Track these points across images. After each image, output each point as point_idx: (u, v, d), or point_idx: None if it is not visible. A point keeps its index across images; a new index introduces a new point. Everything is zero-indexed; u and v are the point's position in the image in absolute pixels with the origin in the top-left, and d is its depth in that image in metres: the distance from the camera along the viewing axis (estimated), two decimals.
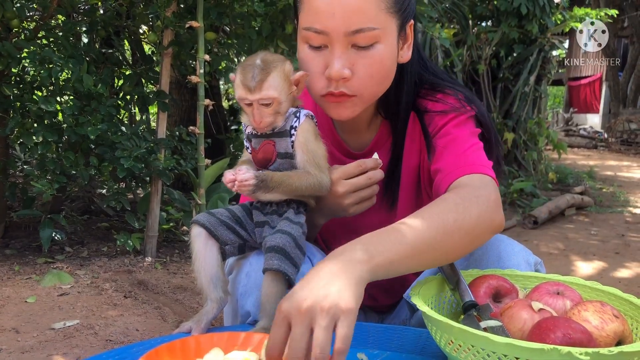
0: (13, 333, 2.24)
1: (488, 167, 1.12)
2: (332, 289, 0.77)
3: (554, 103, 18.87)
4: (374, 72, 1.11)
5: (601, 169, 9.07)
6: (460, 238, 0.97)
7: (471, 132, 1.19)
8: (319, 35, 1.08)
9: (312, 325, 0.76)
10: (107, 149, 3.05)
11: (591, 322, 0.86)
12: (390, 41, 1.11)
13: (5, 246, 3.25)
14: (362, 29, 1.06)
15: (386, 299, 1.46)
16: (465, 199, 1.01)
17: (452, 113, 1.20)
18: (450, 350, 0.86)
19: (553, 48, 6.79)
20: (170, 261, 3.30)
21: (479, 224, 0.99)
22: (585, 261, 3.95)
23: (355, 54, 1.09)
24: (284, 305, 0.78)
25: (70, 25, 3.18)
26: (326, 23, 1.06)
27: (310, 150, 1.10)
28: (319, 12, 1.06)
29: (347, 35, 1.06)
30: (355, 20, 1.05)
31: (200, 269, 1.09)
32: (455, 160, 1.13)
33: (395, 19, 1.11)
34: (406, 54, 1.19)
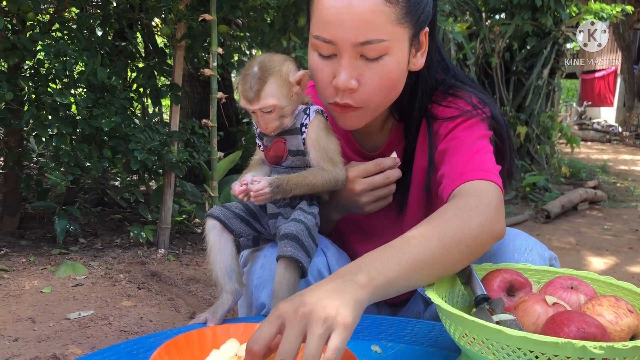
0: (29, 322, 2.28)
1: (493, 172, 1.09)
2: (332, 303, 0.77)
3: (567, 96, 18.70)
4: (382, 84, 1.10)
5: (615, 163, 8.99)
6: (460, 252, 0.96)
7: (479, 136, 1.16)
8: (327, 45, 1.07)
9: (306, 331, 0.74)
10: (120, 142, 3.07)
11: (605, 316, 0.85)
12: (400, 52, 1.09)
13: (21, 237, 3.29)
14: (370, 40, 1.04)
15: (398, 296, 1.46)
16: (464, 210, 0.98)
17: (461, 117, 1.17)
18: (464, 343, 0.86)
19: (567, 41, 6.73)
20: (183, 253, 3.33)
21: (479, 235, 0.97)
22: (598, 256, 3.92)
23: (364, 65, 1.07)
24: (283, 306, 0.77)
25: (84, 18, 3.20)
26: (335, 33, 1.04)
27: (322, 147, 1.10)
28: (328, 21, 1.05)
29: (356, 46, 1.04)
30: (364, 31, 1.03)
31: (215, 261, 1.11)
32: (459, 166, 1.10)
33: (407, 29, 1.08)
34: (419, 62, 1.16)
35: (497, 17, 6.76)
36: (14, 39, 2.83)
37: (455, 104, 1.21)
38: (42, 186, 3.45)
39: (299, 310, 0.75)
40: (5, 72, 3.00)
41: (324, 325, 0.74)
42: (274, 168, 1.15)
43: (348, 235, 1.38)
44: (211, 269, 1.12)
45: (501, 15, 6.80)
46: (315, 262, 1.16)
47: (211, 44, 2.99)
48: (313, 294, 0.78)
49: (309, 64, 1.14)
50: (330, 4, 1.04)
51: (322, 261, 1.19)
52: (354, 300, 0.80)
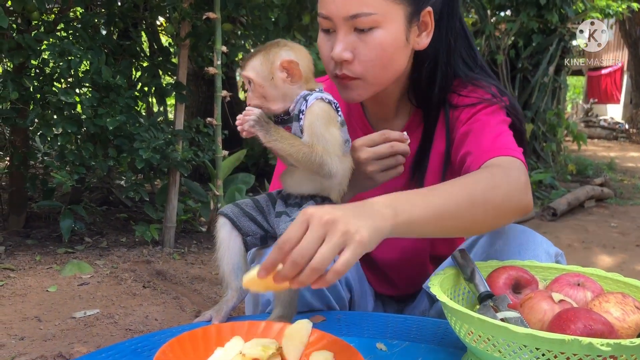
0: (35, 321, 2.28)
1: (519, 152, 1.13)
2: (356, 222, 0.81)
3: (573, 93, 18.63)
4: (375, 56, 1.14)
5: (622, 161, 8.95)
6: (485, 212, 0.98)
7: (502, 120, 1.20)
8: (326, 20, 1.15)
9: (325, 237, 0.79)
10: (125, 141, 3.08)
11: (612, 313, 0.85)
12: (394, 28, 1.13)
13: (27, 236, 3.30)
14: (359, 13, 1.10)
15: (407, 288, 1.46)
16: (496, 176, 1.02)
17: (482, 103, 1.21)
18: (470, 340, 0.86)
19: (573, 38, 6.69)
20: (188, 251, 3.33)
21: (506, 202, 1.00)
22: (605, 253, 3.90)
23: (357, 38, 1.13)
24: (311, 210, 0.82)
25: (88, 17, 3.21)
26: (328, 8, 1.13)
27: (316, 134, 1.05)
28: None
29: (347, 19, 1.12)
30: (354, 5, 1.10)
31: (222, 258, 1.11)
32: (486, 143, 1.13)
33: (402, 6, 1.13)
34: (423, 41, 1.20)
35: (503, 14, 6.74)
36: (18, 39, 2.83)
37: (476, 93, 1.23)
38: (48, 185, 3.46)
39: (324, 218, 0.80)
40: (11, 72, 3.01)
41: (343, 237, 0.79)
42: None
43: None
44: (219, 265, 1.12)
45: (506, 12, 6.78)
46: None
47: (215, 43, 3.00)
48: (341, 208, 0.83)
49: (317, 41, 1.21)
50: None
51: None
52: (375, 227, 0.83)
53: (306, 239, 0.79)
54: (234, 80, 5.44)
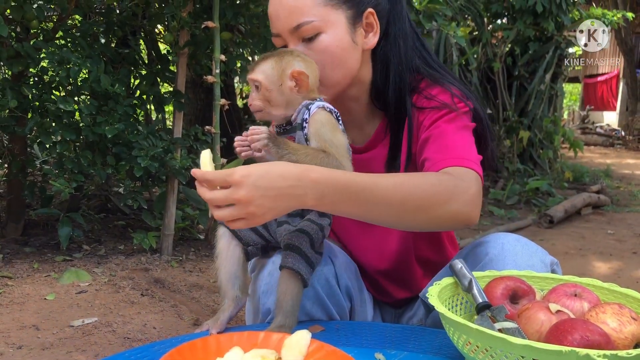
0: (33, 330, 2.28)
1: (475, 162, 1.14)
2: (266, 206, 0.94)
3: (570, 100, 18.70)
4: (325, 59, 1.20)
5: (618, 168, 8.98)
6: (414, 216, 1.04)
7: (462, 126, 1.22)
8: (277, 38, 1.24)
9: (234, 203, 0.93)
10: (124, 148, 3.08)
11: (609, 324, 0.86)
12: (337, 31, 1.20)
13: (25, 244, 3.30)
14: (300, 23, 1.18)
15: (400, 293, 1.47)
16: (442, 184, 1.05)
17: (445, 109, 1.23)
18: (468, 351, 0.86)
19: (569, 45, 6.73)
20: (186, 259, 3.33)
21: (443, 211, 1.05)
22: (602, 261, 3.91)
23: (305, 47, 1.21)
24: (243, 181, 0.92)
25: (87, 25, 3.22)
26: (276, 26, 1.22)
27: (324, 140, 1.08)
28: (271, 18, 1.23)
29: (292, 31, 1.19)
30: (294, 17, 1.18)
31: (220, 267, 1.12)
32: (442, 151, 1.16)
33: (341, 10, 1.20)
34: (371, 41, 1.26)
35: (499, 22, 6.78)
36: (17, 47, 2.84)
37: (443, 95, 1.26)
38: (46, 193, 3.46)
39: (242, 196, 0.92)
40: (9, 80, 3.02)
41: (244, 214, 0.94)
42: None
43: (348, 228, 1.42)
44: (217, 274, 1.13)
45: (503, 20, 6.82)
46: (324, 271, 1.20)
47: (214, 51, 3.01)
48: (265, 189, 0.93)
49: None
50: (269, 4, 1.23)
51: (330, 270, 1.21)
52: (287, 208, 0.97)
53: (220, 195, 0.94)
54: (233, 89, 5.46)
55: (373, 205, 1.01)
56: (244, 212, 0.94)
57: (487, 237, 1.24)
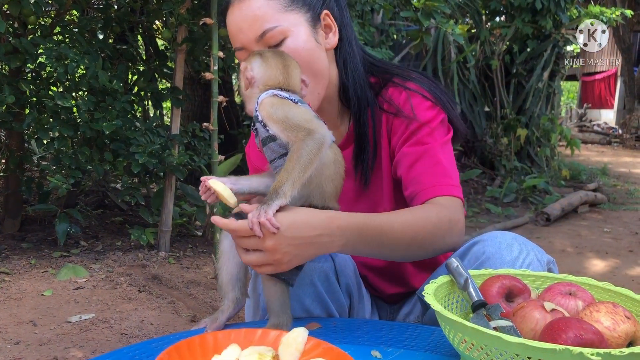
0: (31, 326, 2.28)
1: (458, 186, 1.26)
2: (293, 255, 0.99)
3: (567, 98, 18.72)
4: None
5: (615, 166, 9.00)
6: (418, 251, 1.18)
7: (444, 142, 1.29)
8: (242, 52, 1.24)
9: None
10: (121, 145, 3.08)
11: (603, 323, 0.86)
12: (301, 33, 1.23)
13: (22, 240, 3.30)
14: (265, 30, 1.19)
15: (390, 288, 1.49)
16: (440, 221, 1.17)
17: (423, 119, 1.28)
18: (463, 349, 0.87)
19: (567, 43, 6.74)
20: (183, 256, 3.33)
21: (444, 245, 1.20)
22: (599, 259, 3.93)
23: None
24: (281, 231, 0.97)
25: (85, 21, 3.21)
26: (239, 38, 1.23)
27: (280, 119, 1.03)
28: (232, 33, 1.24)
29: (258, 41, 1.20)
30: (258, 25, 1.20)
31: (222, 268, 1.11)
32: (431, 175, 1.24)
33: (300, 13, 1.23)
34: (332, 41, 1.30)
35: (498, 19, 6.78)
36: (15, 43, 2.84)
37: (412, 100, 1.30)
38: (43, 189, 3.46)
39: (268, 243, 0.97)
40: (7, 76, 3.02)
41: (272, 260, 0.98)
42: (274, 166, 1.10)
43: None
44: (219, 274, 1.13)
45: (501, 18, 6.82)
46: (324, 268, 1.22)
47: (212, 48, 3.00)
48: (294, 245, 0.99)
49: None
50: (229, 20, 1.24)
51: (330, 267, 1.23)
52: (313, 255, 1.04)
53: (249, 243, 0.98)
54: (231, 85, 5.45)
55: (387, 246, 1.13)
56: (272, 259, 0.99)
57: (484, 235, 1.24)
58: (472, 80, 6.38)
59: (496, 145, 6.56)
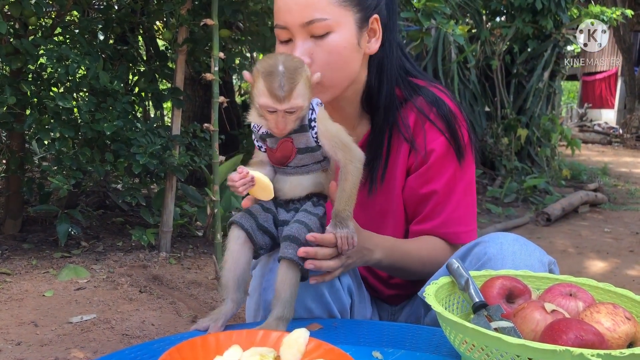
0: (32, 326, 2.29)
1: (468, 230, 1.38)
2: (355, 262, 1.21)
3: (568, 98, 18.71)
4: (331, 59, 1.22)
5: (616, 166, 9.00)
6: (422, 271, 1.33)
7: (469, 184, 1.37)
8: (283, 30, 1.23)
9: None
10: (122, 145, 3.08)
11: (603, 323, 0.87)
12: (346, 32, 1.22)
13: (23, 240, 3.31)
14: (313, 20, 1.18)
15: (388, 290, 1.50)
16: (444, 252, 1.35)
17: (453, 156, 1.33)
18: (464, 349, 0.87)
19: (568, 43, 6.74)
20: (184, 256, 3.34)
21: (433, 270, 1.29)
22: (599, 259, 3.93)
23: (314, 44, 1.21)
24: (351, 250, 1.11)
25: (86, 22, 3.22)
26: (285, 18, 1.21)
27: (333, 135, 1.10)
28: (279, 10, 1.22)
29: (304, 26, 1.19)
30: (308, 12, 1.18)
31: (229, 268, 1.10)
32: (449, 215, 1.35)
33: (352, 12, 1.22)
34: (373, 46, 1.29)
35: (498, 19, 6.78)
36: (16, 44, 2.84)
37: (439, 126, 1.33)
38: (44, 190, 3.46)
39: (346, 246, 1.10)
40: (8, 77, 3.02)
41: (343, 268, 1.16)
42: (280, 169, 1.13)
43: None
44: (223, 274, 1.11)
45: (502, 18, 6.82)
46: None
47: (213, 48, 3.00)
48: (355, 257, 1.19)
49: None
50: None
51: None
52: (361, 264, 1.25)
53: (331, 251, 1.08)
54: (231, 86, 5.46)
55: (404, 268, 1.33)
56: (345, 264, 1.15)
57: (485, 237, 1.24)
58: (473, 81, 6.38)
59: (497, 145, 6.56)
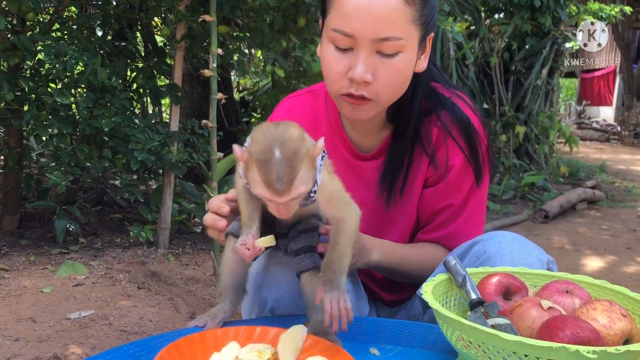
0: (30, 322, 2.29)
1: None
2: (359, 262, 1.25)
3: (566, 95, 18.71)
4: (394, 80, 1.16)
5: (614, 163, 9.01)
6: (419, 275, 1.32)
7: (481, 200, 1.36)
8: (346, 38, 1.12)
9: None
10: (120, 142, 3.08)
11: (599, 320, 0.87)
12: (412, 51, 1.16)
13: (21, 237, 3.30)
14: (389, 37, 1.10)
15: (389, 296, 1.51)
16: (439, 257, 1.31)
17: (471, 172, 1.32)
18: (461, 346, 0.88)
19: (566, 40, 6.74)
20: (182, 253, 3.34)
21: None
22: (596, 256, 3.94)
23: (379, 61, 1.13)
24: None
25: (84, 18, 3.21)
26: (355, 27, 1.10)
27: (333, 196, 1.00)
28: (350, 16, 1.10)
29: (374, 41, 1.11)
30: (383, 28, 1.10)
31: (227, 277, 1.08)
32: (457, 227, 1.34)
33: (418, 30, 1.15)
34: (422, 64, 1.23)
35: (497, 16, 6.77)
36: (14, 39, 2.84)
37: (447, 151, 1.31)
38: (42, 186, 3.46)
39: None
40: (6, 73, 3.01)
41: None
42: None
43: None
44: (221, 279, 1.10)
45: (500, 15, 6.81)
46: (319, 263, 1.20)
47: (211, 45, 3.00)
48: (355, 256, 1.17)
49: (322, 55, 1.19)
50: (354, 0, 1.09)
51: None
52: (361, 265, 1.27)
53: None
54: (230, 82, 5.45)
55: (401, 272, 1.34)
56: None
57: (484, 235, 1.25)
58: (471, 78, 6.37)
59: (495, 142, 6.56)
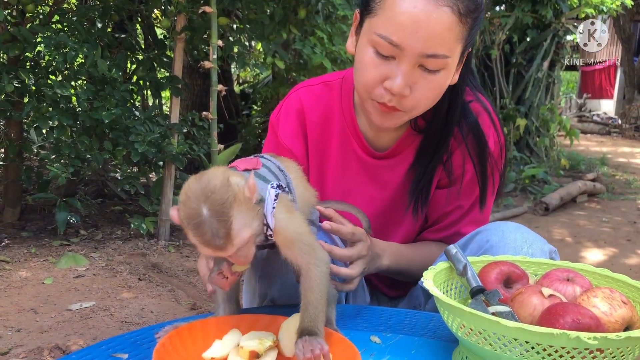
0: (31, 313, 2.30)
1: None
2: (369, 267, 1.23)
3: (567, 88, 18.67)
4: (430, 95, 1.15)
5: (614, 156, 9.00)
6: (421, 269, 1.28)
7: (487, 206, 1.38)
8: (391, 47, 1.08)
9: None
10: (120, 134, 3.08)
11: (600, 308, 0.87)
12: (453, 68, 1.15)
13: (22, 229, 3.31)
14: (437, 54, 1.08)
15: (391, 292, 1.52)
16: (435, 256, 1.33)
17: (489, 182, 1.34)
18: (462, 334, 0.88)
19: (567, 33, 6.72)
20: (183, 244, 3.34)
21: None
22: (596, 248, 3.95)
23: (419, 75, 1.11)
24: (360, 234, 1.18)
25: (84, 10, 3.20)
26: (404, 39, 1.06)
27: (294, 241, 0.94)
28: (401, 26, 1.06)
29: (421, 56, 1.08)
30: (433, 44, 1.06)
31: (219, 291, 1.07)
32: (462, 228, 1.36)
33: (462, 46, 1.13)
34: (455, 77, 1.21)
35: (497, 9, 6.75)
36: (14, 31, 2.83)
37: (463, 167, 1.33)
38: (43, 178, 3.46)
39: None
40: (6, 64, 3.01)
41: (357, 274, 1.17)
42: None
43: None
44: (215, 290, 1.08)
45: (501, 7, 6.79)
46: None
47: (211, 37, 2.99)
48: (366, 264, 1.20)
49: (360, 57, 1.15)
50: (408, 10, 1.05)
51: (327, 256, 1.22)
52: (373, 269, 1.27)
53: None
54: (230, 74, 5.45)
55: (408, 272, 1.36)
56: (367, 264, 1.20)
57: (487, 225, 1.25)
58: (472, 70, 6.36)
59: None
